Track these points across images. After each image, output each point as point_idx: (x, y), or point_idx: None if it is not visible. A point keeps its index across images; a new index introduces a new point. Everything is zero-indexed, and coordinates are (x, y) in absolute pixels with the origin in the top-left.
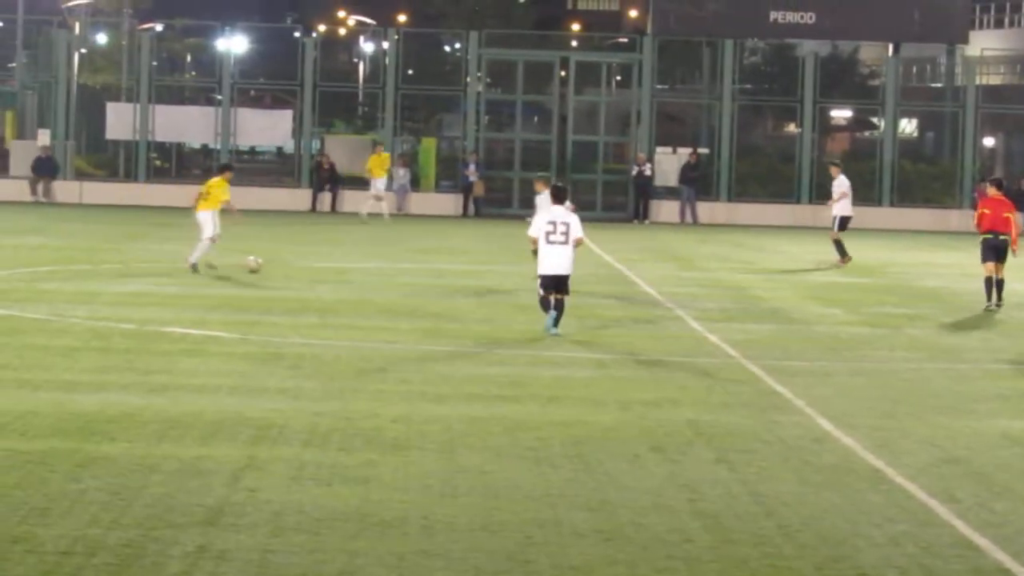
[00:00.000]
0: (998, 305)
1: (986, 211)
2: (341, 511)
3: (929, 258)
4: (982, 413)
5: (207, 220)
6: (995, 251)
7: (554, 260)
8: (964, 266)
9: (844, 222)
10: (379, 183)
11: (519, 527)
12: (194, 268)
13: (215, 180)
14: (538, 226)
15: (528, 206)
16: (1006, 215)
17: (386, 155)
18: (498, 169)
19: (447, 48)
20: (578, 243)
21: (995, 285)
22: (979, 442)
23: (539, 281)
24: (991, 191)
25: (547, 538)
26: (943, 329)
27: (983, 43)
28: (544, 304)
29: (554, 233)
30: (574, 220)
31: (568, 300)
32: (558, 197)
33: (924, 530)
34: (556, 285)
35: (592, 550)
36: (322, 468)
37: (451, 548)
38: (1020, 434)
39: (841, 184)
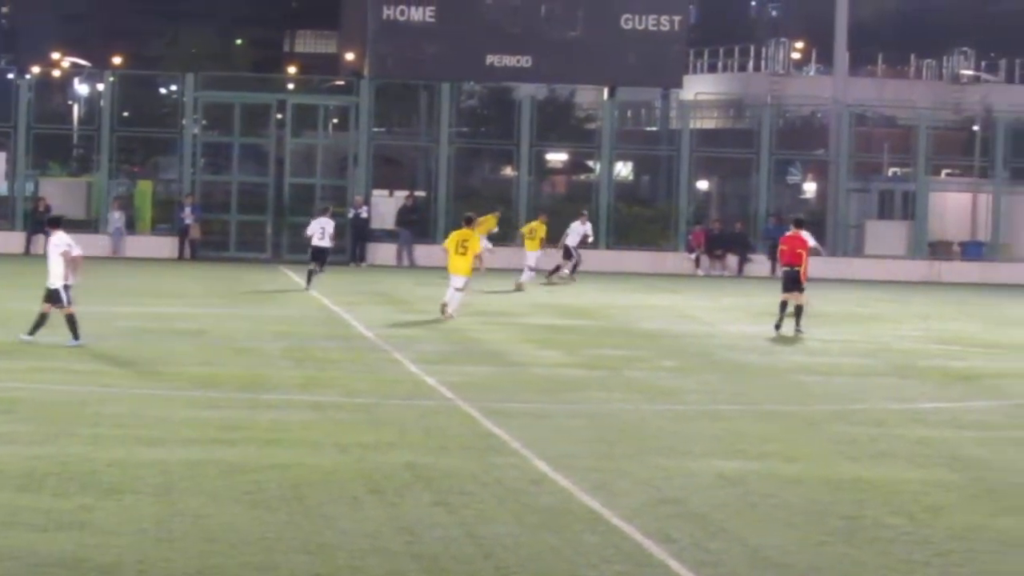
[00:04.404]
0: (798, 331)
1: (784, 247)
2: (57, 556)
3: (646, 300)
4: (698, 454)
5: None
6: (790, 282)
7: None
8: (681, 308)
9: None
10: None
11: (236, 571)
12: None
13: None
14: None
15: (248, 249)
16: (799, 251)
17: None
18: (215, 212)
19: (163, 90)
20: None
21: (795, 312)
22: (695, 482)
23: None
24: (791, 229)
25: None
26: (660, 371)
27: (697, 87)
28: (41, 319)
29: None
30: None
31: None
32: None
33: (640, 570)
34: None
35: None
36: (37, 513)
37: None
38: (735, 474)
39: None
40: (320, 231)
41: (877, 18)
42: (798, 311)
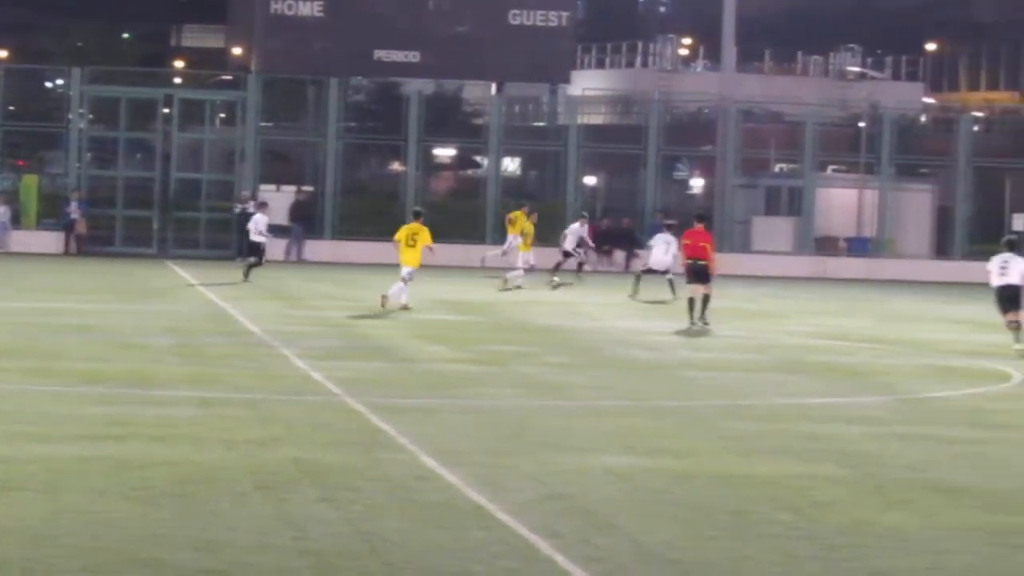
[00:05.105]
0: (704, 323)
1: (687, 241)
2: None
3: (537, 296)
4: (586, 449)
5: None
6: (695, 275)
7: None
8: (573, 304)
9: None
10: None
11: (122, 568)
12: None
13: None
14: None
15: (134, 244)
16: (702, 244)
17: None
18: (101, 207)
19: (50, 84)
20: None
21: (700, 302)
22: (583, 478)
23: None
24: (696, 224)
25: None
26: (550, 366)
27: (585, 83)
28: None
29: None
30: None
31: None
32: None
33: (528, 566)
34: None
35: None
36: None
37: None
38: (624, 469)
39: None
40: (255, 227)
41: (765, 15)
42: (705, 300)
